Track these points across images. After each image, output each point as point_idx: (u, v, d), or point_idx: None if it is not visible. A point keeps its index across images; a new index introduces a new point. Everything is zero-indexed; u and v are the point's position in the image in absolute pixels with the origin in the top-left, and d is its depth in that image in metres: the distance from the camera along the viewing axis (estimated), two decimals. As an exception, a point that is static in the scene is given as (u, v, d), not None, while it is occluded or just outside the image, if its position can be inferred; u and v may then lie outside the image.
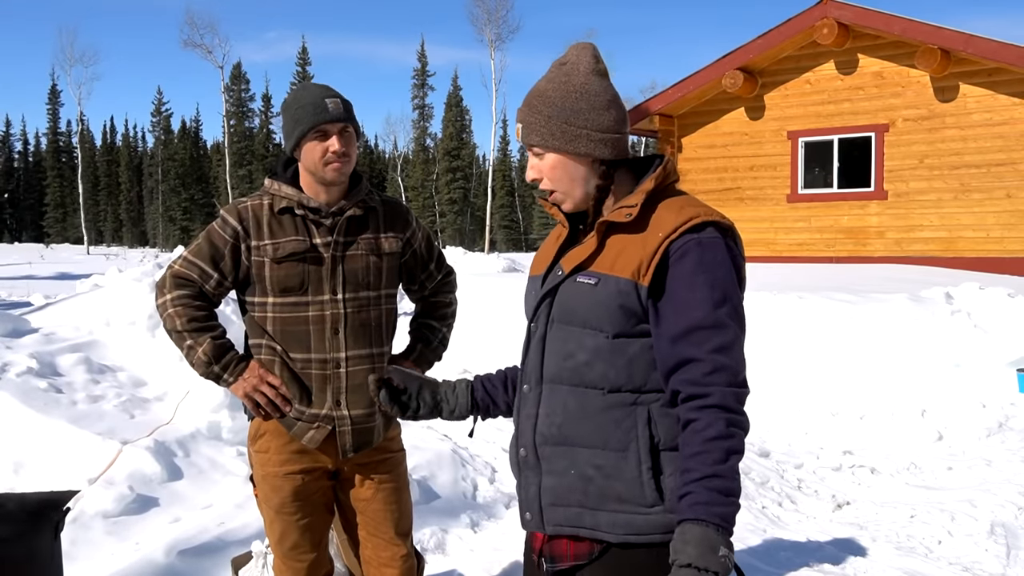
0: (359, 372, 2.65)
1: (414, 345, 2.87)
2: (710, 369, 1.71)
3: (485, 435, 5.60)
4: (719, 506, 1.65)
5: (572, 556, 1.87)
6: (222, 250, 2.62)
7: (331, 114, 2.57)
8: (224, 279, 2.64)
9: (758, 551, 4.41)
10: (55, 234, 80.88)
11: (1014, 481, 5.38)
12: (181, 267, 2.64)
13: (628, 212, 1.81)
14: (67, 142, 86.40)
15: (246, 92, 71.32)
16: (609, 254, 1.83)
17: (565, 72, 1.89)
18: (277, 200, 2.63)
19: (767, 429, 6.49)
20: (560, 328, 1.87)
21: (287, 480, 2.67)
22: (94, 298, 6.61)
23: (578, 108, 1.86)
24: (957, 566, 4.24)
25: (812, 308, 8.04)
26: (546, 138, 1.86)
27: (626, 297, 1.78)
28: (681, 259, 1.76)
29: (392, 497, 2.77)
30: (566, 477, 1.84)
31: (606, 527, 1.81)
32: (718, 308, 1.74)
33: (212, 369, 2.61)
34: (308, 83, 2.71)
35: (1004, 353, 7.20)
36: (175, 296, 2.62)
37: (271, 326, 2.63)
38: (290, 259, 2.59)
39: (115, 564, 3.60)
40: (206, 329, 2.62)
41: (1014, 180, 12.83)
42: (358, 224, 2.68)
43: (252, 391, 2.62)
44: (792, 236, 14.69)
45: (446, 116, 70.40)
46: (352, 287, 2.64)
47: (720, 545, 1.62)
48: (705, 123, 15.43)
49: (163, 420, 4.96)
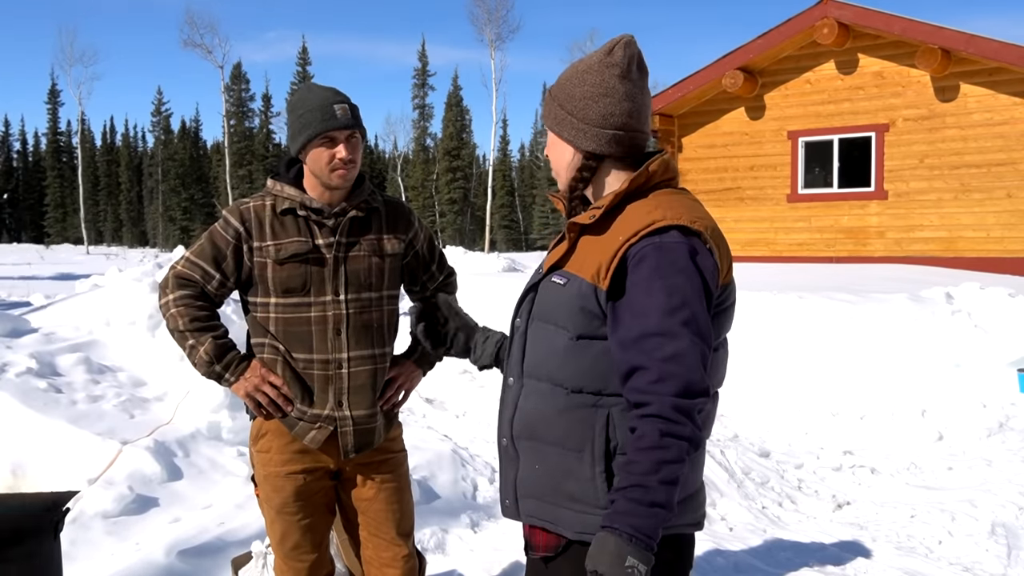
0: (361, 373, 2.65)
1: (416, 346, 2.87)
2: (655, 378, 1.67)
3: (485, 435, 5.60)
4: (636, 517, 1.63)
5: (544, 547, 1.90)
6: (224, 251, 2.62)
7: (340, 121, 2.55)
8: (226, 280, 2.65)
9: (758, 551, 4.41)
10: (55, 234, 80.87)
11: (1015, 481, 5.38)
12: (183, 267, 2.65)
13: (592, 214, 1.81)
14: (67, 142, 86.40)
15: (246, 92, 71.31)
16: (579, 255, 1.84)
17: (585, 58, 1.90)
18: (280, 201, 2.63)
19: (767, 429, 6.49)
20: (537, 325, 1.89)
21: (289, 480, 2.67)
22: (94, 298, 6.61)
23: (572, 94, 1.86)
24: (957, 566, 4.23)
25: (812, 308, 8.04)
26: (546, 116, 1.90)
27: (586, 299, 1.78)
28: (639, 264, 1.73)
29: (394, 497, 2.77)
30: (534, 471, 1.87)
31: (565, 523, 1.84)
32: (672, 315, 1.69)
33: (214, 369, 2.61)
34: (314, 84, 2.68)
35: (1004, 353, 7.20)
36: (177, 296, 2.63)
37: (274, 326, 2.64)
38: (292, 260, 2.59)
39: (115, 564, 3.60)
40: (208, 329, 2.62)
41: (1014, 180, 12.83)
42: (360, 225, 2.68)
43: (254, 391, 2.62)
44: (792, 236, 14.69)
45: (446, 116, 70.39)
46: (354, 288, 2.64)
47: (628, 555, 1.61)
48: (705, 123, 15.43)
49: (163, 420, 4.96)
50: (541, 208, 69.29)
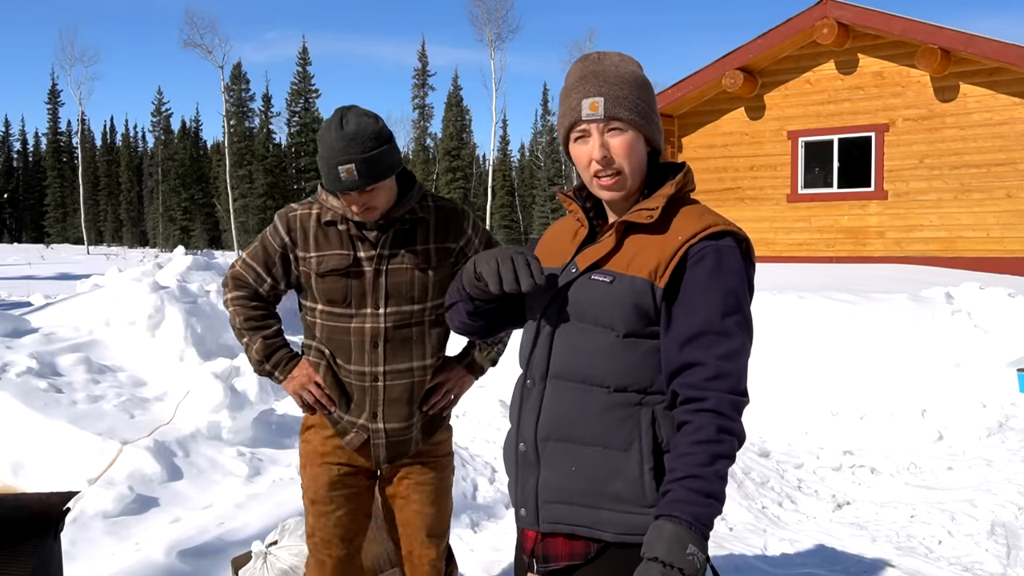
0: (396, 387, 2.65)
1: (468, 350, 2.85)
2: (712, 374, 1.72)
3: (485, 435, 5.60)
4: (695, 505, 1.65)
5: (567, 555, 1.86)
6: (273, 257, 2.68)
7: (343, 185, 2.45)
8: (277, 284, 2.71)
9: (758, 551, 4.41)
10: (55, 234, 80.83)
11: (1014, 481, 5.38)
12: (240, 268, 2.73)
13: (649, 214, 1.83)
14: (67, 142, 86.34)
15: (246, 92, 71.20)
16: (626, 254, 1.84)
17: (628, 63, 1.91)
18: (324, 211, 2.62)
19: (767, 429, 6.49)
20: (570, 325, 1.86)
21: (324, 469, 2.72)
22: (94, 298, 6.62)
23: (651, 96, 1.90)
24: (957, 566, 4.23)
25: (812, 308, 8.04)
26: (634, 114, 1.85)
27: (641, 296, 1.79)
28: (698, 264, 1.77)
29: (427, 500, 2.76)
30: (566, 474, 1.84)
31: (605, 525, 1.81)
32: (729, 316, 1.76)
33: (264, 367, 2.71)
34: (333, 125, 2.48)
35: (1004, 353, 7.20)
36: (233, 296, 2.73)
37: (319, 332, 2.68)
38: (333, 274, 2.60)
39: (115, 564, 3.60)
40: (260, 328, 2.71)
41: (1014, 180, 12.83)
42: (405, 236, 2.62)
43: (300, 389, 2.69)
44: (792, 236, 14.70)
45: (446, 116, 70.34)
46: (395, 301, 2.62)
47: (689, 543, 1.62)
48: (705, 123, 15.43)
49: (163, 420, 4.97)
50: (541, 208, 69.29)
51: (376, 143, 2.45)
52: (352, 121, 2.47)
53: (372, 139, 2.44)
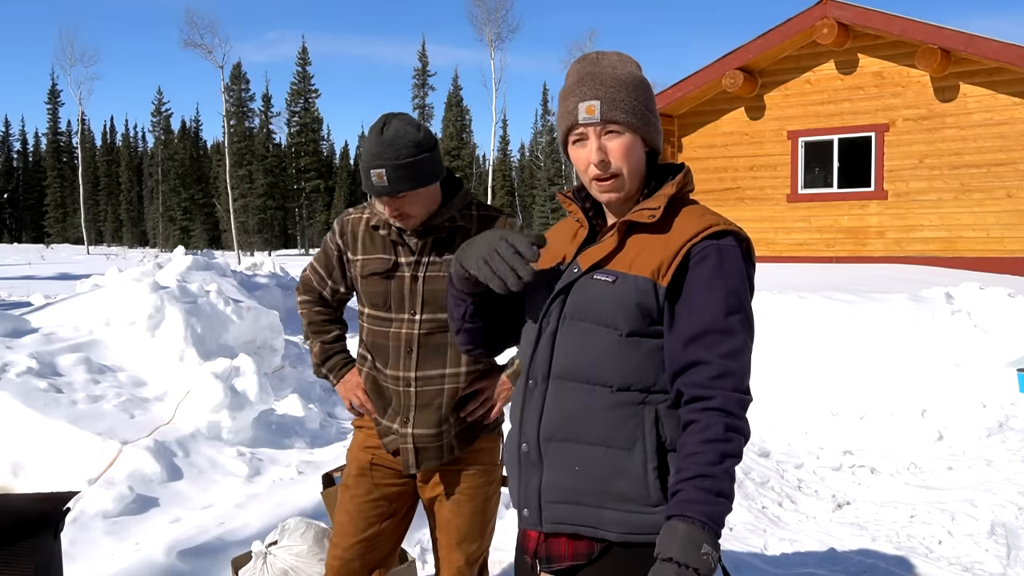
0: (427, 393, 2.66)
1: (513, 359, 2.83)
2: (717, 373, 1.72)
3: (485, 435, 5.59)
4: (707, 505, 1.65)
5: (570, 555, 1.86)
6: (332, 260, 2.79)
7: (375, 189, 2.49)
8: (338, 287, 2.82)
9: (758, 551, 4.41)
10: (55, 234, 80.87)
11: (1014, 481, 5.38)
12: (308, 272, 2.87)
13: (651, 214, 1.83)
14: (67, 142, 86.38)
15: (246, 92, 71.25)
16: (628, 253, 1.84)
17: (626, 63, 1.90)
18: (373, 215, 2.68)
19: (767, 429, 6.49)
20: (573, 325, 1.86)
21: (362, 452, 2.80)
22: (94, 298, 6.62)
23: (649, 97, 1.89)
24: (957, 566, 4.23)
25: (812, 308, 8.05)
26: (631, 116, 1.85)
27: (643, 296, 1.79)
28: (701, 263, 1.78)
29: (459, 508, 2.74)
30: (569, 473, 1.83)
31: (609, 525, 1.80)
32: (732, 314, 1.76)
33: (320, 370, 2.86)
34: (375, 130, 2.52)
35: (1004, 353, 7.20)
36: (302, 300, 2.89)
37: (365, 335, 2.74)
38: (374, 276, 2.65)
39: (115, 564, 3.60)
40: (321, 332, 2.86)
41: (1014, 180, 12.84)
42: (444, 243, 2.64)
43: (348, 394, 2.81)
44: (792, 236, 14.70)
45: (446, 116, 70.40)
46: (431, 308, 2.63)
47: (703, 543, 1.62)
48: (705, 123, 15.44)
49: (163, 420, 4.97)
50: (541, 208, 69.29)
51: (412, 151, 2.47)
52: (392, 128, 2.50)
53: (408, 147, 2.47)
